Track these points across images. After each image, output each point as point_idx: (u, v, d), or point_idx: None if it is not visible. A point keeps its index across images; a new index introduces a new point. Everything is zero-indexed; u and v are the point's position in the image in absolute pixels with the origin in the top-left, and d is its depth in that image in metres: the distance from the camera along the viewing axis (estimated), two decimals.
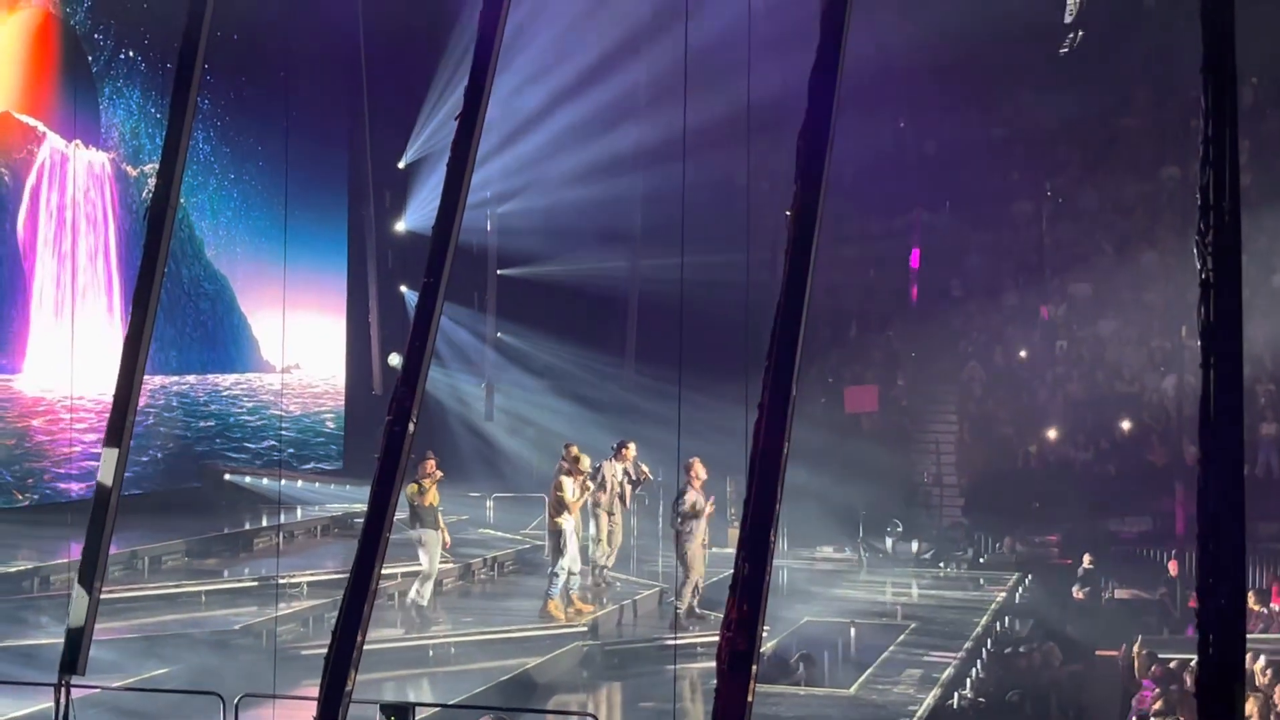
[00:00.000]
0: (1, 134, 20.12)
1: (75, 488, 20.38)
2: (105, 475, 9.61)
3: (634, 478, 18.17)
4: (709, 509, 16.88)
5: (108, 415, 9.76)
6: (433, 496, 16.39)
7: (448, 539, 16.88)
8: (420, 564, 16.52)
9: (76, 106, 21.46)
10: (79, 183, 21.45)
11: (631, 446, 18.11)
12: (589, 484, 17.18)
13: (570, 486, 16.73)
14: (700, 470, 16.81)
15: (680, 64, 11.49)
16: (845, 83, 7.71)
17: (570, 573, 16.73)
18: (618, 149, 27.18)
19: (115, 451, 9.57)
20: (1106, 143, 29.35)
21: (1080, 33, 28.63)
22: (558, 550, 16.66)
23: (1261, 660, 13.62)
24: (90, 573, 9.44)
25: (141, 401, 10.05)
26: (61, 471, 20.94)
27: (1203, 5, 6.28)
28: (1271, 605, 18.07)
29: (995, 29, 26.19)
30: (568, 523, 16.68)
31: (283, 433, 26.30)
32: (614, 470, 17.98)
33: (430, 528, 16.33)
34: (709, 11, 18.57)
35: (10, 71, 20.27)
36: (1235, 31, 6.29)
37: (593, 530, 18.00)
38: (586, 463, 17.09)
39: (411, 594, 16.35)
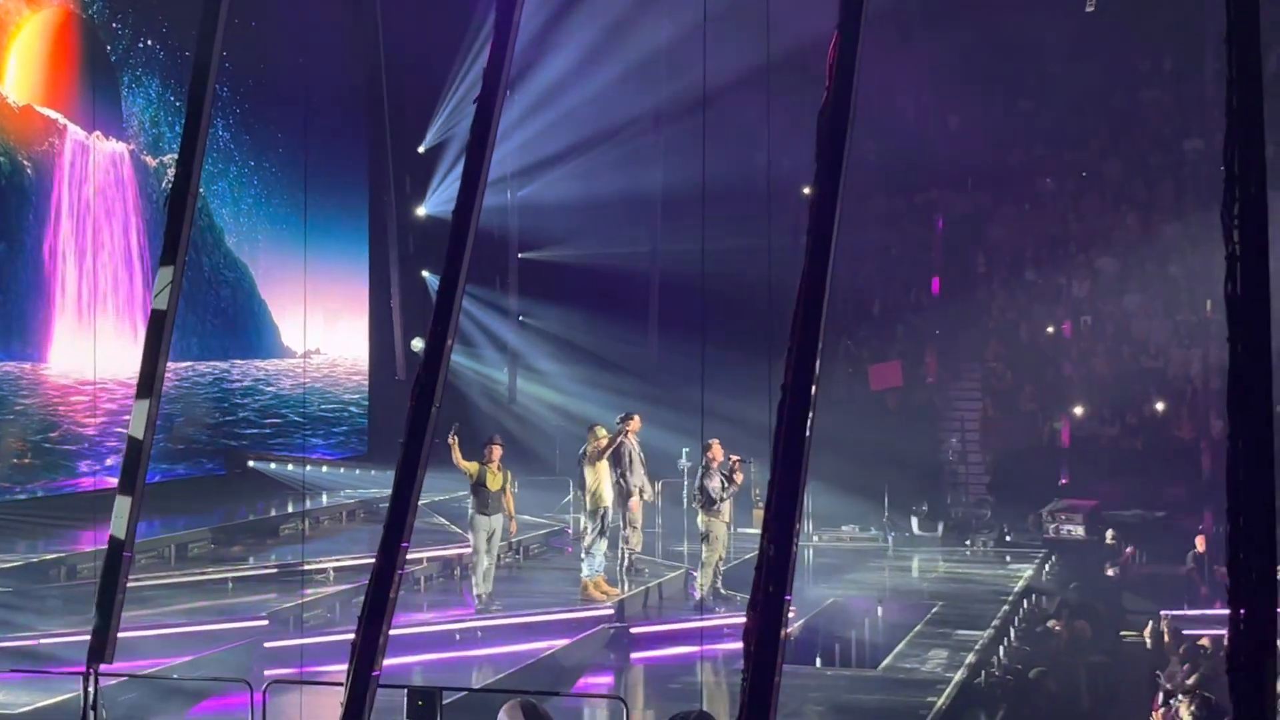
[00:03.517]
0: (24, 127, 20.17)
1: (101, 477, 20.45)
2: (130, 463, 9.64)
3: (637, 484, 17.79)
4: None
5: (132, 403, 9.79)
6: (499, 480, 16.28)
7: (514, 526, 16.91)
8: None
9: (96, 97, 21.50)
10: (100, 173, 21.49)
11: (636, 419, 17.72)
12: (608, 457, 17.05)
13: (597, 461, 16.78)
14: (719, 452, 16.75)
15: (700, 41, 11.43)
16: (865, 58, 7.66)
17: (604, 552, 16.79)
18: (637, 128, 27.13)
19: (140, 440, 9.59)
20: (1129, 115, 29.18)
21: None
22: (597, 529, 16.68)
23: None
24: (116, 561, 9.47)
25: (164, 388, 10.06)
26: (87, 461, 21.02)
27: None
28: None
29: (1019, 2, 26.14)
30: (605, 498, 16.72)
31: (305, 419, 26.36)
32: (631, 444, 17.70)
33: (490, 513, 16.25)
34: None
35: (32, 66, 20.32)
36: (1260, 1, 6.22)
37: (625, 515, 17.89)
38: (604, 434, 17.07)
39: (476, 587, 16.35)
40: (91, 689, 9.27)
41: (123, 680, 11.77)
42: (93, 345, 20.18)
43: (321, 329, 26.78)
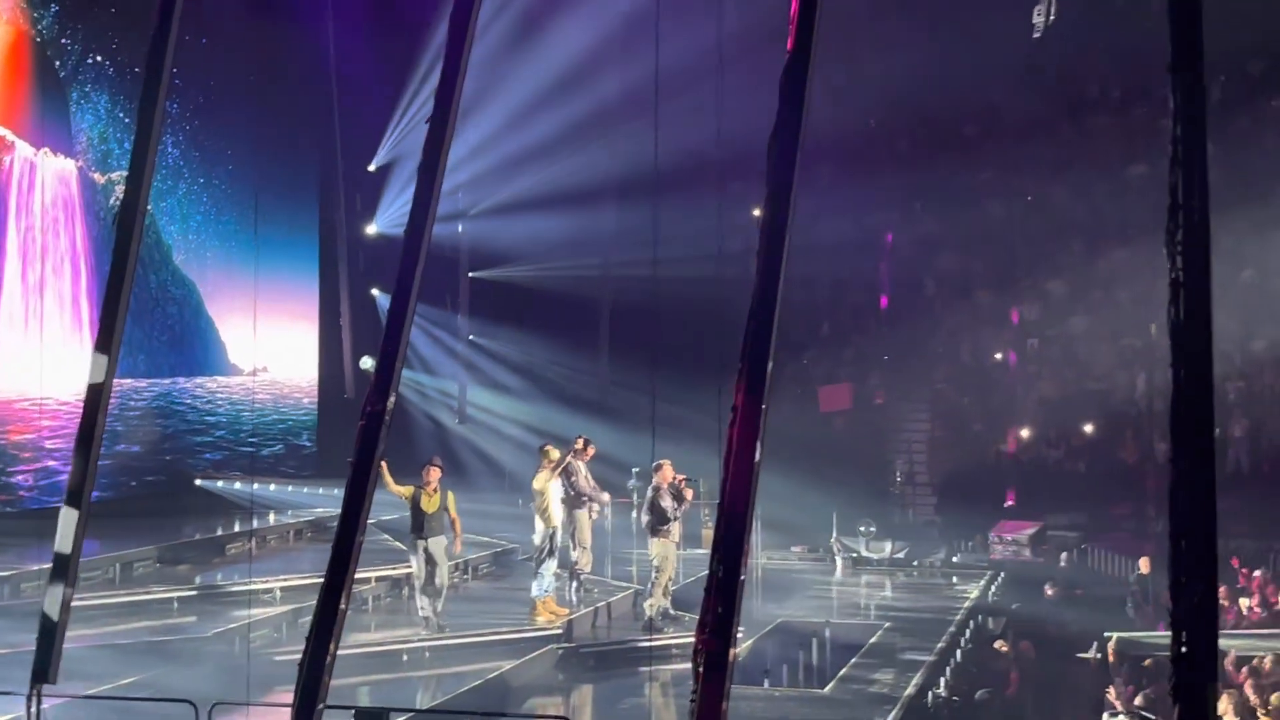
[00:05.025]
0: None
1: (45, 494, 20.25)
2: (76, 477, 9.54)
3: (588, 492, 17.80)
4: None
5: (77, 420, 9.71)
6: (435, 503, 16.21)
7: (458, 546, 16.82)
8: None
9: (44, 113, 21.35)
10: (47, 190, 21.33)
11: (591, 448, 17.74)
12: (558, 477, 17.03)
13: (547, 481, 16.73)
14: (669, 473, 16.72)
15: (652, 65, 11.49)
16: (815, 84, 7.71)
17: (554, 572, 16.76)
18: (588, 149, 27.12)
19: (86, 451, 9.51)
20: (1076, 141, 29.43)
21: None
22: (547, 549, 16.66)
23: (1231, 654, 13.70)
24: (61, 580, 9.38)
25: (111, 406, 9.98)
26: (31, 478, 20.81)
27: (1170, 4, 6.29)
28: (1241, 601, 18.17)
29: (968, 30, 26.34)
30: (555, 518, 16.69)
31: (254, 436, 26.19)
32: (578, 467, 17.68)
33: (428, 535, 16.18)
34: (682, 13, 18.54)
35: None
36: (1203, 30, 6.30)
37: (575, 535, 17.87)
38: (555, 454, 17.05)
39: (422, 609, 16.30)
40: (35, 709, 9.18)
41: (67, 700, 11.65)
42: (39, 361, 19.99)
43: (270, 347, 26.62)
